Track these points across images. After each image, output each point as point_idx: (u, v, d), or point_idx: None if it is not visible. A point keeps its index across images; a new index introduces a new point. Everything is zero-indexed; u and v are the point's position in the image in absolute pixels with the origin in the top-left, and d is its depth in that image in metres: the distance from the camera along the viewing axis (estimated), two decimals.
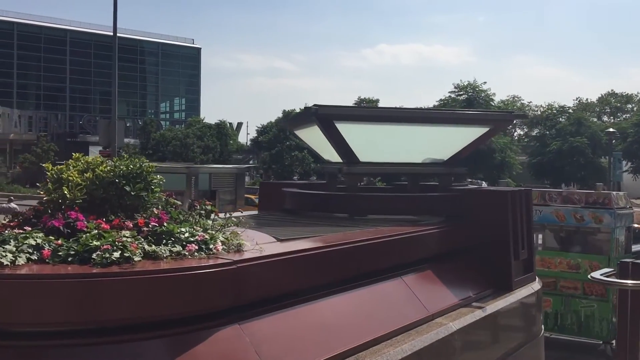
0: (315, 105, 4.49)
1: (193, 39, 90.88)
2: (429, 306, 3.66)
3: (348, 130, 4.68)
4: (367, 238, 3.51)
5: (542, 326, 4.92)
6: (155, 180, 3.01)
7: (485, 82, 41.92)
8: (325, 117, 4.53)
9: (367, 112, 4.70)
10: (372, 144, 4.92)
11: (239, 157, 54.07)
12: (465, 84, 40.84)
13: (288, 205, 5.22)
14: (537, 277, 5.00)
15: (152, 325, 2.33)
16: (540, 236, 10.83)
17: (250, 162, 50.10)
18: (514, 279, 4.49)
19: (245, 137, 64.58)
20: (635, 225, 19.15)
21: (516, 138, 76.22)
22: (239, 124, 62.18)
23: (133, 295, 2.26)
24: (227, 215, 3.32)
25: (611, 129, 34.26)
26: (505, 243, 4.49)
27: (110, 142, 16.17)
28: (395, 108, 5.19)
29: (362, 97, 46.50)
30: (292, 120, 5.00)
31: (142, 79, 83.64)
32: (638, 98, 79.74)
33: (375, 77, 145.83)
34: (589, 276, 3.03)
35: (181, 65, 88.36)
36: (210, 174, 13.74)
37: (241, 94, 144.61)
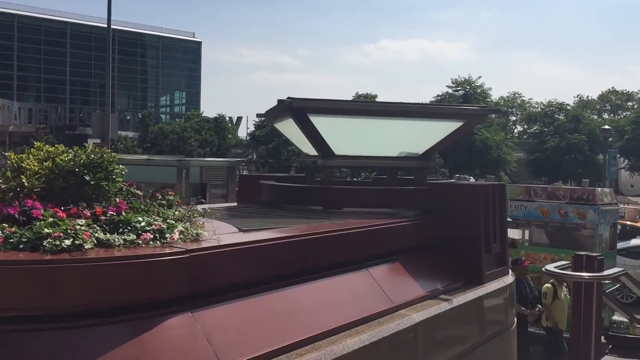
0: (289, 98, 4.51)
1: (194, 33, 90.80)
2: (393, 298, 3.70)
3: (322, 124, 4.70)
4: (330, 230, 3.54)
5: (515, 319, 4.95)
6: (116, 170, 3.05)
7: (480, 77, 41.90)
8: (299, 110, 4.56)
9: (341, 105, 4.72)
10: (346, 137, 4.94)
11: (239, 151, 54.11)
12: (462, 79, 40.84)
13: (265, 198, 5.25)
14: (510, 271, 5.03)
15: (102, 312, 2.37)
16: (527, 231, 10.91)
17: (249, 156, 50.12)
18: (484, 272, 4.53)
19: (245, 132, 64.58)
20: (629, 223, 19.32)
21: (516, 135, 76.26)
22: (239, 118, 62.19)
23: (81, 282, 2.30)
24: (191, 205, 3.35)
25: (606, 126, 34.19)
26: (476, 237, 4.53)
27: (104, 134, 16.21)
28: (369, 101, 5.23)
29: (360, 92, 46.48)
30: (270, 113, 5.03)
31: (143, 72, 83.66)
32: (639, 96, 79.72)
33: (377, 73, 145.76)
34: (543, 269, 3.05)
35: (182, 59, 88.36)
36: (201, 167, 13.78)
37: (242, 88, 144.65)
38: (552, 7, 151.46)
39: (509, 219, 11.33)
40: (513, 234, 12.10)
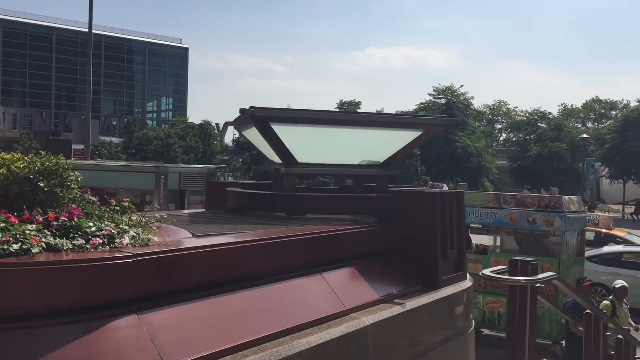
0: (251, 106, 4.64)
1: (181, 39, 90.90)
2: (346, 301, 3.81)
3: (285, 132, 4.83)
4: (283, 236, 3.67)
5: (473, 323, 5.08)
6: (71, 177, 3.15)
7: (462, 85, 42.27)
8: (261, 119, 4.69)
9: (303, 114, 4.85)
10: (309, 145, 5.08)
11: (225, 157, 54.13)
12: (444, 88, 41.24)
13: (231, 205, 5.37)
14: (468, 276, 5.17)
15: (49, 314, 2.47)
16: (498, 238, 11.11)
17: (235, 163, 50.14)
18: (440, 277, 4.66)
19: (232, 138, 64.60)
20: (604, 230, 19.61)
21: (501, 142, 76.95)
22: (226, 124, 62.24)
23: (27, 284, 2.40)
24: (146, 211, 3.46)
25: (585, 135, 34.69)
26: (433, 243, 4.66)
27: (85, 140, 16.23)
28: (331, 111, 5.36)
29: (344, 100, 46.74)
30: (237, 121, 5.15)
31: (130, 78, 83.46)
32: (622, 105, 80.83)
33: (364, 80, 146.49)
34: (479, 273, 3.19)
35: (168, 65, 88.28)
36: (180, 174, 13.86)
37: (230, 94, 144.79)
38: (539, 17, 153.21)
39: (478, 226, 11.56)
40: (485, 240, 12.33)
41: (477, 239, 12.18)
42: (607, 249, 16.26)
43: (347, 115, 5.24)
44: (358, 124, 5.07)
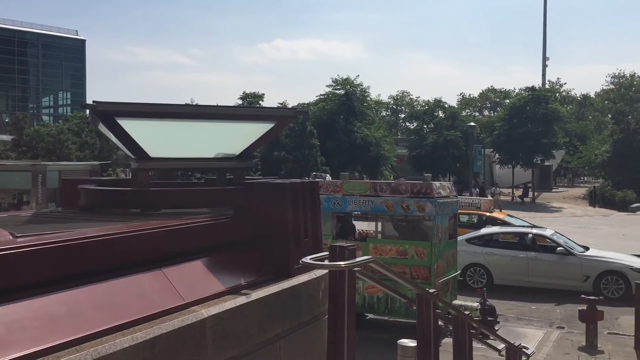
0: (94, 101, 4.52)
1: (77, 30, 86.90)
2: (187, 296, 3.81)
3: (134, 127, 4.74)
4: (115, 232, 3.60)
5: (326, 309, 5.22)
6: None
7: (358, 76, 43.18)
8: (105, 113, 4.57)
9: (150, 108, 4.78)
10: (162, 139, 5.01)
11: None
12: (341, 79, 41.94)
13: (84, 202, 5.21)
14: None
15: None
16: (379, 225, 11.49)
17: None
18: (292, 266, 4.75)
19: None
20: (487, 214, 20.76)
21: (404, 132, 79.37)
22: None
23: None
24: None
25: (472, 123, 36.50)
26: (285, 232, 4.75)
27: None
28: (181, 105, 5.32)
29: (248, 91, 46.47)
30: (90, 117, 5.01)
31: (23, 71, 78.96)
32: (515, 93, 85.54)
33: (273, 72, 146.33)
34: (300, 261, 3.30)
35: (65, 58, 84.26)
36: (60, 172, 13.26)
37: (137, 88, 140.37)
38: (439, 9, 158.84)
39: (358, 213, 11.90)
40: (368, 227, 12.72)
41: (361, 226, 12.54)
42: (484, 230, 17.24)
43: (199, 109, 5.23)
44: (211, 117, 5.06)
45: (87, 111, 5.77)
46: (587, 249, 16.92)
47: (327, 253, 3.22)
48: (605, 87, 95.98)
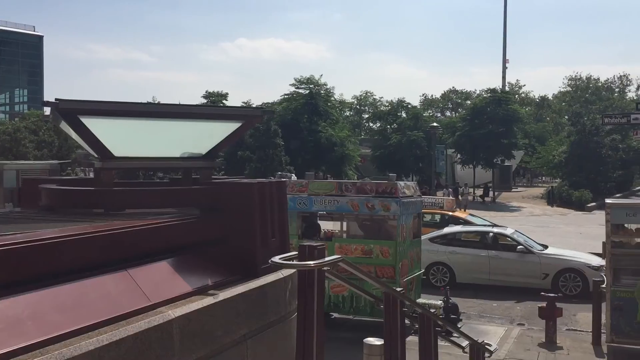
0: (56, 99, 4.41)
1: (34, 26, 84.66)
2: (152, 296, 3.76)
3: (98, 125, 4.65)
4: (80, 233, 3.53)
5: (294, 308, 5.22)
6: None
7: (322, 75, 43.21)
8: (68, 111, 4.48)
9: (115, 106, 4.70)
10: (126, 138, 4.93)
11: (84, 151, 51.24)
12: (305, 79, 41.96)
13: (45, 202, 5.09)
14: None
15: None
16: (344, 224, 11.55)
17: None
18: (260, 266, 4.73)
19: None
20: (450, 213, 21.05)
21: (368, 132, 79.83)
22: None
23: None
24: None
25: (434, 124, 37.02)
26: (252, 232, 4.72)
27: None
28: (147, 103, 5.24)
29: (211, 90, 46.08)
30: (51, 114, 4.89)
31: None
32: (475, 94, 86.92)
33: (236, 71, 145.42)
34: (269, 260, 3.29)
35: (21, 54, 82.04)
36: (18, 171, 12.91)
37: (96, 86, 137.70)
38: (402, 10, 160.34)
39: (324, 213, 11.92)
40: (333, 227, 12.76)
41: (326, 226, 12.57)
42: (447, 229, 17.49)
43: (165, 107, 5.16)
44: (177, 116, 5.00)
45: (46, 109, 5.64)
46: (546, 247, 17.30)
47: (296, 253, 3.21)
48: (562, 89, 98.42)
